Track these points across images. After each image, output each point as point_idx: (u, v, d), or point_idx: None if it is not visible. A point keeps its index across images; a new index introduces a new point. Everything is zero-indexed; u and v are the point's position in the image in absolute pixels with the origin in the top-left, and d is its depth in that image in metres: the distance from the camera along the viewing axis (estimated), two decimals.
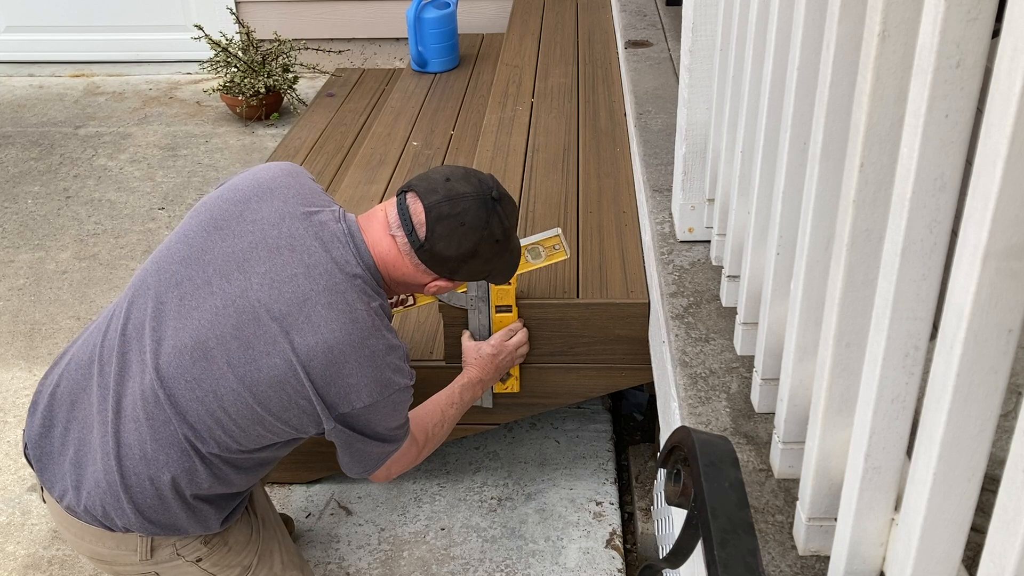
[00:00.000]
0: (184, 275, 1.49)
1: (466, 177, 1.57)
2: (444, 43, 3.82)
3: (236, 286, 1.46)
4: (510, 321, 2.03)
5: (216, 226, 1.51)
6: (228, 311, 1.45)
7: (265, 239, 1.49)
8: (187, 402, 1.46)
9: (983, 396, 0.80)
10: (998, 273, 0.74)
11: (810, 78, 1.13)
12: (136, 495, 1.48)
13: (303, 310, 1.44)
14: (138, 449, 1.47)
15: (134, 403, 1.47)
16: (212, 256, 1.49)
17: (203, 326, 1.45)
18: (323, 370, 1.44)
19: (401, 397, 1.53)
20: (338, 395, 1.46)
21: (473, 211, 1.53)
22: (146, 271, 1.54)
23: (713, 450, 1.03)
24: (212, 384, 1.45)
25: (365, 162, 3.09)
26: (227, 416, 1.46)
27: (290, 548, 1.78)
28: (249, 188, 1.56)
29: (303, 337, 1.43)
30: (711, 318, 1.66)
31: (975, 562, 0.80)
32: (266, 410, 1.46)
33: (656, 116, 2.43)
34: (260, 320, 1.44)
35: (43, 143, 4.33)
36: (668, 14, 3.31)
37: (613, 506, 2.31)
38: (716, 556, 0.92)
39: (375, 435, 1.55)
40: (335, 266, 1.48)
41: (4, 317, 3.10)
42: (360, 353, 1.45)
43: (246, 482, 1.60)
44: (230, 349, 1.44)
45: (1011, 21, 0.67)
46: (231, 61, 4.30)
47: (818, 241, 1.12)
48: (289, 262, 1.47)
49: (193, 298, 1.47)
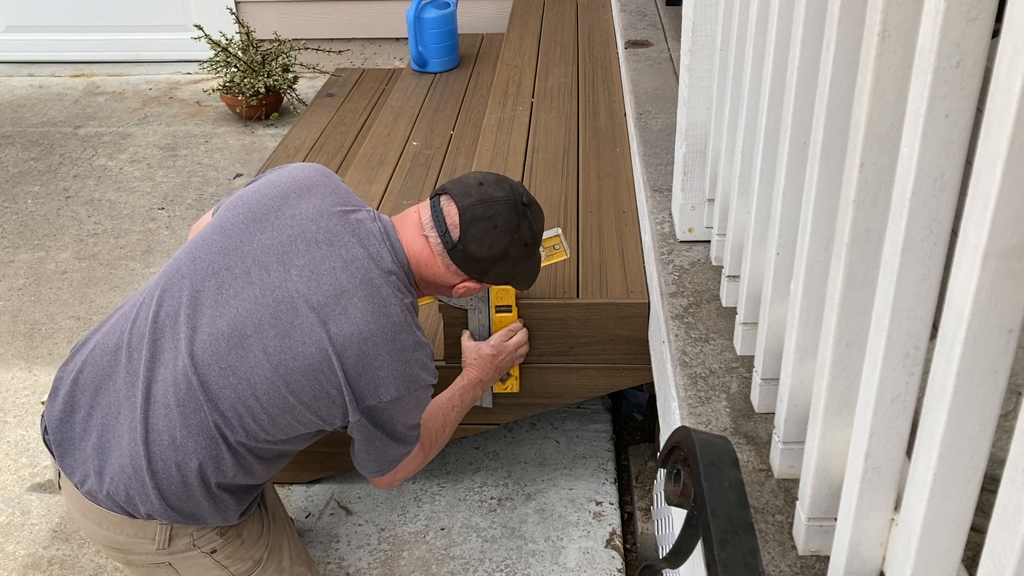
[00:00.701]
0: (222, 265, 1.52)
1: (498, 182, 1.63)
2: (444, 43, 3.82)
3: (275, 277, 1.49)
4: (510, 321, 2.03)
5: (255, 219, 1.55)
6: (267, 300, 1.48)
7: (304, 233, 1.53)
8: (220, 389, 1.47)
9: (983, 396, 0.80)
10: (998, 273, 0.74)
11: (810, 78, 1.13)
12: (162, 481, 1.49)
13: (340, 302, 1.48)
14: (167, 435, 1.48)
15: (165, 389, 1.49)
16: (251, 248, 1.52)
17: (241, 314, 1.48)
18: (356, 360, 1.47)
19: (424, 395, 1.57)
20: (367, 386, 1.49)
21: (505, 215, 1.59)
22: (180, 261, 1.56)
23: (713, 450, 1.03)
24: (246, 372, 1.47)
25: (365, 162, 3.09)
26: (259, 404, 1.48)
27: (298, 545, 1.81)
28: (287, 184, 1.60)
29: (339, 327, 1.47)
30: (711, 318, 1.66)
31: (975, 562, 0.80)
32: (297, 399, 1.48)
33: (656, 116, 2.43)
34: (298, 310, 1.47)
35: (43, 143, 4.33)
36: (668, 14, 3.31)
37: (613, 506, 2.31)
38: (716, 556, 0.92)
39: (394, 433, 1.58)
40: (371, 262, 1.52)
41: (4, 317, 3.10)
42: (392, 346, 1.49)
43: (267, 473, 1.62)
44: (267, 337, 1.47)
45: (1011, 21, 0.67)
46: (231, 61, 4.30)
47: (818, 241, 1.12)
48: (327, 256, 1.51)
49: (231, 287, 1.50)
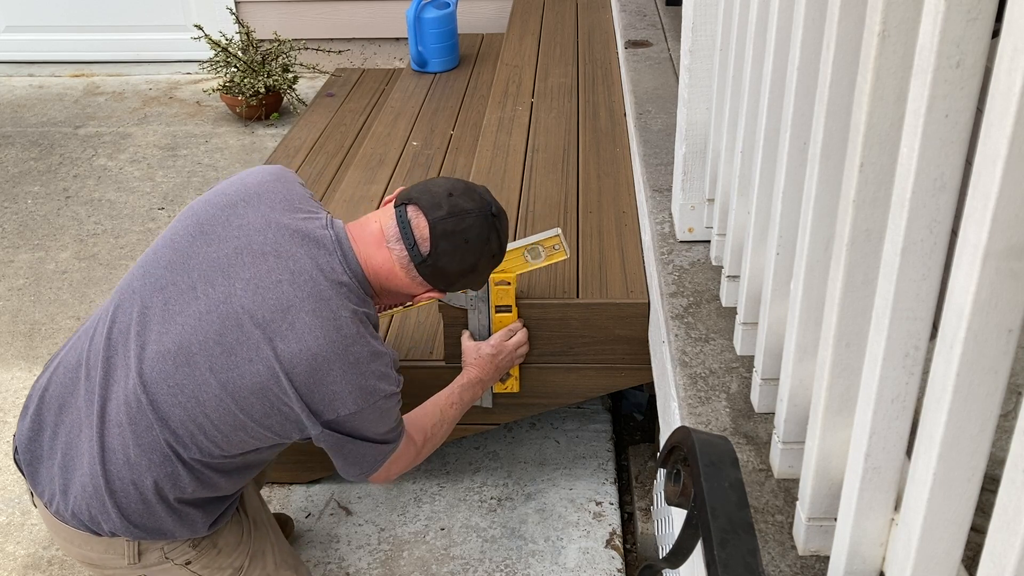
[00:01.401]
0: (169, 280, 1.48)
1: (468, 192, 1.57)
2: (444, 43, 3.82)
3: (220, 291, 1.45)
4: (510, 321, 2.03)
5: (202, 231, 1.51)
6: (211, 316, 1.44)
7: (250, 244, 1.48)
8: (169, 408, 1.45)
9: (983, 396, 0.80)
10: (998, 273, 0.74)
11: (810, 78, 1.13)
12: (121, 499, 1.48)
13: (287, 317, 1.43)
14: (122, 454, 1.46)
15: (118, 408, 1.47)
16: (197, 261, 1.48)
17: (186, 331, 1.45)
18: (306, 377, 1.43)
19: (387, 404, 1.52)
20: (323, 402, 1.46)
21: (477, 228, 1.54)
22: (132, 275, 1.54)
23: (713, 450, 1.03)
24: (194, 390, 1.44)
25: (365, 162, 3.09)
26: (209, 422, 1.45)
27: (284, 548, 1.77)
28: (236, 193, 1.55)
29: (286, 344, 1.42)
30: (711, 318, 1.66)
31: (975, 562, 0.80)
32: (248, 416, 1.45)
33: (656, 116, 2.43)
34: (243, 326, 1.43)
35: (43, 143, 4.33)
36: (668, 14, 3.31)
37: (613, 506, 2.31)
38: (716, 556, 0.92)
39: (366, 438, 1.55)
40: (320, 273, 1.47)
41: (4, 317, 3.10)
42: (344, 361, 1.44)
43: (232, 485, 1.59)
44: (213, 355, 1.43)
45: (1011, 21, 0.67)
46: (231, 61, 4.30)
47: (818, 241, 1.12)
48: (274, 268, 1.46)
49: (177, 303, 1.46)
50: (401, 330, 2.22)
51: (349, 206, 2.77)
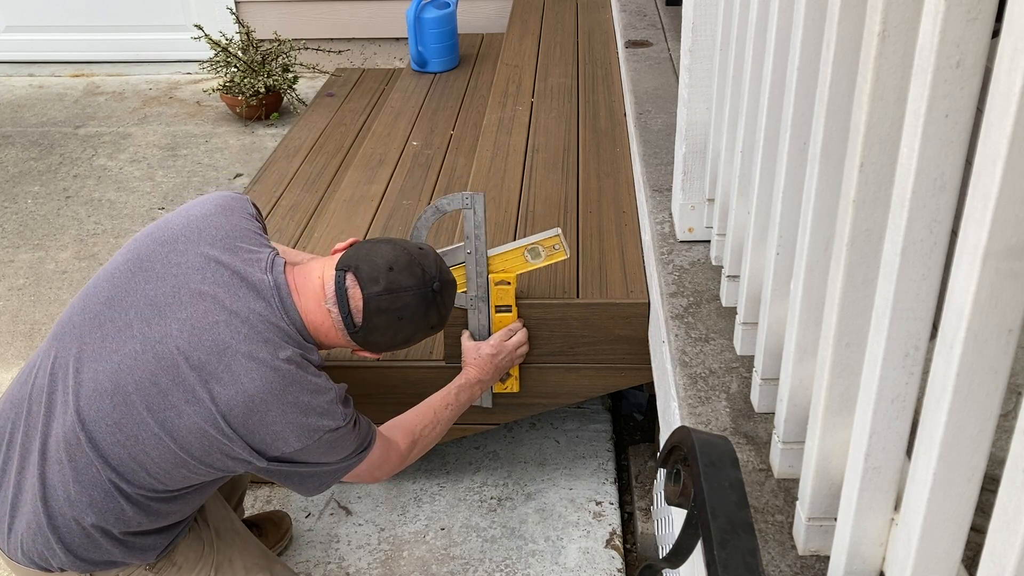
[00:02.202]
0: (106, 316, 1.46)
1: (410, 267, 1.54)
2: (444, 43, 3.82)
3: (156, 331, 1.43)
4: (510, 321, 2.03)
5: (141, 267, 1.49)
6: (147, 356, 1.42)
7: (188, 283, 1.46)
8: (108, 445, 1.43)
9: (983, 396, 0.80)
10: (998, 273, 0.74)
11: (810, 78, 1.13)
12: (65, 536, 1.46)
13: (223, 359, 1.41)
14: (62, 491, 1.44)
15: (57, 444, 1.44)
16: (134, 298, 1.46)
17: (122, 370, 1.42)
18: (244, 419, 1.42)
19: (334, 437, 1.49)
20: (264, 442, 1.44)
21: (413, 306, 1.53)
22: (72, 309, 1.51)
23: (713, 450, 1.03)
24: (133, 429, 1.42)
25: (365, 162, 3.09)
26: (150, 460, 1.43)
27: (253, 551, 1.74)
28: (179, 227, 1.53)
29: (223, 387, 1.41)
30: (711, 318, 1.66)
31: (975, 562, 0.80)
32: (189, 455, 1.44)
33: (656, 116, 2.43)
34: (179, 368, 1.41)
35: (43, 143, 4.33)
36: (668, 14, 3.31)
37: (613, 506, 2.31)
38: (716, 556, 0.92)
39: (318, 463, 1.53)
40: (256, 316, 1.45)
41: (4, 317, 3.10)
42: (282, 401, 1.43)
43: (183, 512, 1.57)
44: (149, 395, 1.41)
45: (1011, 21, 0.67)
46: (231, 61, 4.30)
47: (818, 241, 1.12)
48: (210, 309, 1.44)
49: (114, 340, 1.44)
50: None
51: (349, 206, 2.77)
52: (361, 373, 2.10)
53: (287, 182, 3.20)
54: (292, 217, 2.91)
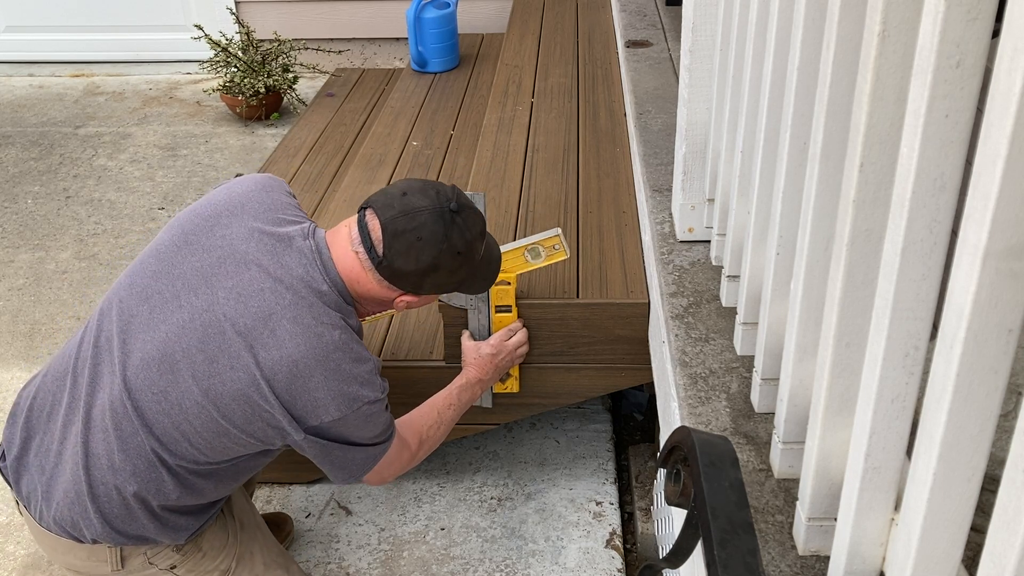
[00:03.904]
0: (154, 289, 1.50)
1: (423, 190, 1.55)
2: (444, 43, 3.82)
3: (203, 300, 1.47)
4: (510, 321, 2.03)
5: (187, 241, 1.53)
6: (194, 325, 1.46)
7: (233, 254, 1.49)
8: (153, 415, 1.46)
9: (983, 396, 0.80)
10: (998, 273, 0.74)
11: (810, 78, 1.13)
12: (103, 505, 1.48)
13: (268, 324, 1.44)
14: (106, 459, 1.47)
15: (103, 413, 1.47)
16: (181, 270, 1.50)
17: (170, 339, 1.46)
18: (287, 384, 1.44)
19: (372, 410, 1.52)
20: (305, 409, 1.46)
21: (430, 225, 1.52)
22: (119, 284, 1.55)
23: (713, 450, 1.03)
24: (177, 397, 1.45)
25: (365, 162, 3.09)
26: (192, 429, 1.46)
27: (272, 548, 1.77)
28: (222, 203, 1.57)
29: (267, 351, 1.43)
30: (711, 318, 1.66)
31: (975, 562, 0.80)
32: (230, 423, 1.46)
33: (656, 116, 2.43)
34: (225, 334, 1.44)
35: (43, 143, 4.33)
36: (668, 14, 3.31)
37: (613, 506, 2.31)
38: (716, 556, 0.92)
39: (353, 442, 1.55)
40: (301, 282, 1.48)
41: (4, 317, 3.10)
42: (325, 367, 1.45)
43: (219, 492, 1.59)
44: (195, 363, 1.45)
45: (1011, 21, 0.67)
46: (231, 61, 4.30)
47: (818, 241, 1.12)
48: (256, 277, 1.47)
49: (162, 311, 1.48)
50: (401, 330, 2.22)
51: (349, 206, 2.77)
52: None
53: (287, 182, 3.20)
54: None
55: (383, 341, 2.18)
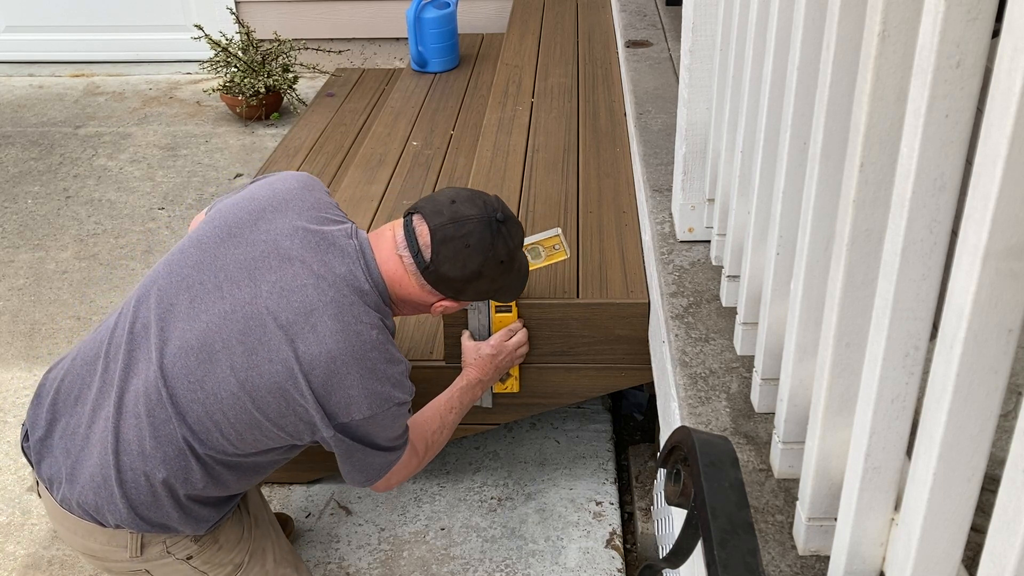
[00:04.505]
0: (196, 279, 1.52)
1: (471, 199, 1.60)
2: (444, 43, 3.82)
3: (246, 292, 1.49)
4: (510, 321, 2.03)
5: (230, 233, 1.54)
6: (236, 316, 1.47)
7: (277, 249, 1.52)
8: (187, 403, 1.47)
9: (983, 396, 0.80)
10: (998, 273, 0.74)
11: (810, 78, 1.13)
12: (130, 490, 1.49)
13: (309, 320, 1.46)
14: (136, 445, 1.48)
15: (136, 399, 1.48)
16: (224, 262, 1.52)
17: (210, 329, 1.47)
18: (324, 379, 1.46)
19: (399, 411, 1.55)
20: (338, 405, 1.48)
21: (478, 233, 1.57)
22: (157, 272, 1.56)
23: (713, 450, 1.03)
24: (214, 387, 1.46)
25: (365, 162, 3.09)
26: (225, 419, 1.48)
27: (284, 546, 1.79)
28: (266, 198, 1.59)
29: (307, 345, 1.45)
30: (711, 318, 1.66)
31: (975, 562, 0.80)
32: (264, 415, 1.48)
33: (656, 116, 2.43)
34: (266, 327, 1.46)
35: (43, 143, 4.33)
36: (668, 14, 3.31)
37: (613, 506, 2.31)
38: (716, 556, 0.92)
39: (375, 445, 1.57)
40: (343, 280, 1.51)
41: (4, 317, 3.10)
42: (362, 365, 1.47)
43: (241, 485, 1.61)
44: (234, 353, 1.46)
45: (1011, 21, 0.67)
46: (231, 61, 4.30)
47: (818, 241, 1.12)
48: (299, 273, 1.49)
49: (203, 301, 1.50)
50: (401, 330, 2.22)
51: (349, 206, 2.77)
52: None
53: None
54: None
55: None
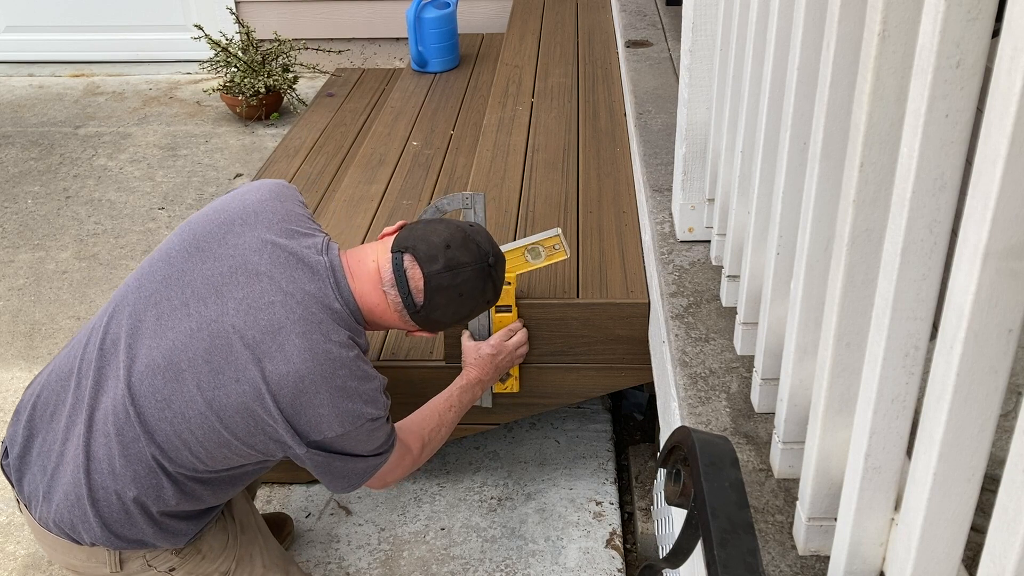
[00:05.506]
0: (163, 295, 1.49)
1: (465, 244, 1.56)
2: (444, 43, 3.82)
3: (212, 310, 1.46)
4: (510, 321, 2.03)
5: (198, 247, 1.51)
6: (202, 334, 1.45)
7: (245, 264, 1.48)
8: (156, 421, 1.45)
9: (983, 396, 0.80)
10: (998, 273, 0.74)
11: (810, 78, 1.13)
12: (103, 509, 1.47)
13: (276, 338, 1.43)
14: (107, 464, 1.46)
15: (105, 418, 1.47)
16: (191, 278, 1.49)
17: (176, 347, 1.45)
18: (292, 399, 1.43)
19: (373, 426, 1.52)
20: (308, 424, 1.46)
21: (472, 281, 1.55)
22: (127, 287, 1.54)
23: (713, 450, 1.03)
24: (180, 406, 1.44)
25: (365, 162, 3.09)
26: (194, 438, 1.45)
27: (273, 550, 1.77)
28: (235, 210, 1.55)
29: (274, 365, 1.42)
30: (711, 318, 1.66)
31: (975, 562, 0.80)
32: (232, 435, 1.46)
33: (656, 116, 2.43)
34: (232, 346, 1.43)
35: (43, 143, 4.33)
36: (668, 14, 3.31)
37: (613, 506, 2.31)
38: (716, 556, 0.92)
39: (354, 454, 1.54)
40: (312, 298, 1.47)
41: (4, 317, 3.10)
42: (331, 384, 1.44)
43: (218, 498, 1.59)
44: (200, 372, 1.44)
45: (1011, 21, 0.67)
46: (231, 61, 4.30)
47: (818, 241, 1.12)
48: (267, 290, 1.46)
49: (170, 318, 1.47)
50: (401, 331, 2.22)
51: (349, 206, 2.77)
52: None
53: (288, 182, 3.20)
54: None
55: (383, 341, 2.18)
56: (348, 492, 1.62)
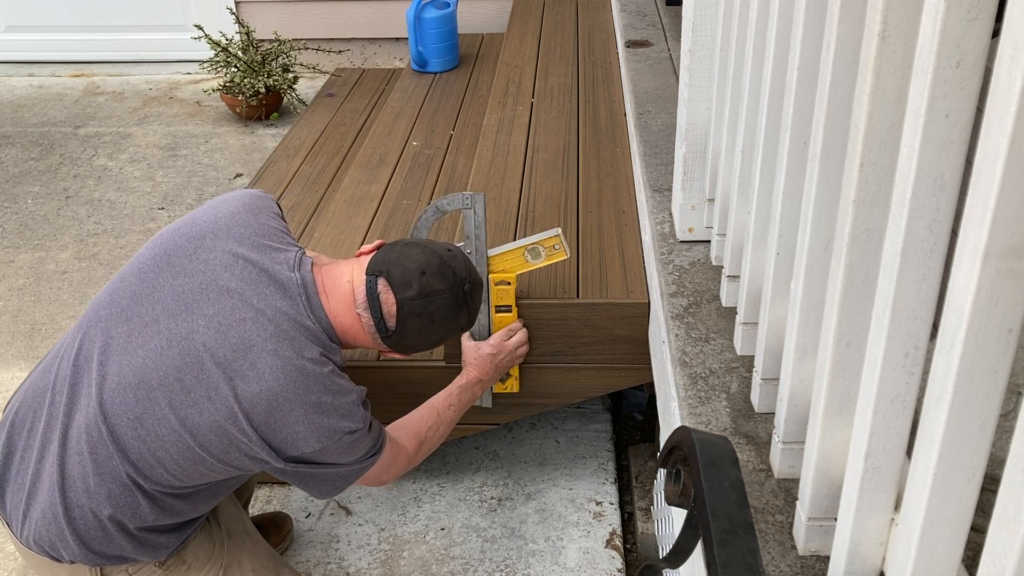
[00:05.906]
0: (134, 311, 1.47)
1: (441, 270, 1.55)
2: (444, 43, 3.82)
3: (183, 327, 1.44)
4: (510, 321, 2.03)
5: (169, 262, 1.49)
6: (172, 352, 1.43)
7: (216, 280, 1.46)
8: (129, 440, 1.43)
9: (983, 396, 0.80)
10: (998, 273, 0.74)
11: (810, 78, 1.13)
12: (80, 527, 1.46)
13: (248, 356, 1.42)
14: (81, 482, 1.45)
15: (79, 436, 1.45)
16: (162, 294, 1.47)
17: (147, 365, 1.43)
18: (266, 417, 1.42)
19: (354, 438, 1.50)
20: (284, 441, 1.44)
21: (445, 309, 1.55)
22: (99, 302, 1.52)
23: (713, 450, 1.03)
24: (153, 424, 1.43)
25: (365, 162, 3.09)
26: (168, 456, 1.44)
27: (262, 554, 1.75)
28: (206, 224, 1.53)
29: (247, 384, 1.41)
30: (711, 318, 1.66)
31: (975, 562, 0.80)
32: (207, 452, 1.44)
33: (656, 116, 2.43)
34: (203, 365, 1.42)
35: (43, 143, 4.33)
36: (668, 14, 3.31)
37: (613, 506, 2.31)
38: (716, 556, 0.92)
39: (334, 464, 1.53)
40: (283, 315, 1.45)
41: (4, 317, 3.10)
42: (304, 400, 1.43)
43: (197, 511, 1.58)
44: (172, 391, 1.42)
45: (1011, 21, 0.67)
46: (231, 61, 4.30)
47: (818, 241, 1.12)
48: (238, 306, 1.44)
49: (140, 335, 1.45)
50: None
51: (349, 206, 2.77)
52: (361, 373, 2.09)
53: (287, 182, 3.20)
54: (292, 217, 2.91)
55: None
56: (332, 497, 1.60)
